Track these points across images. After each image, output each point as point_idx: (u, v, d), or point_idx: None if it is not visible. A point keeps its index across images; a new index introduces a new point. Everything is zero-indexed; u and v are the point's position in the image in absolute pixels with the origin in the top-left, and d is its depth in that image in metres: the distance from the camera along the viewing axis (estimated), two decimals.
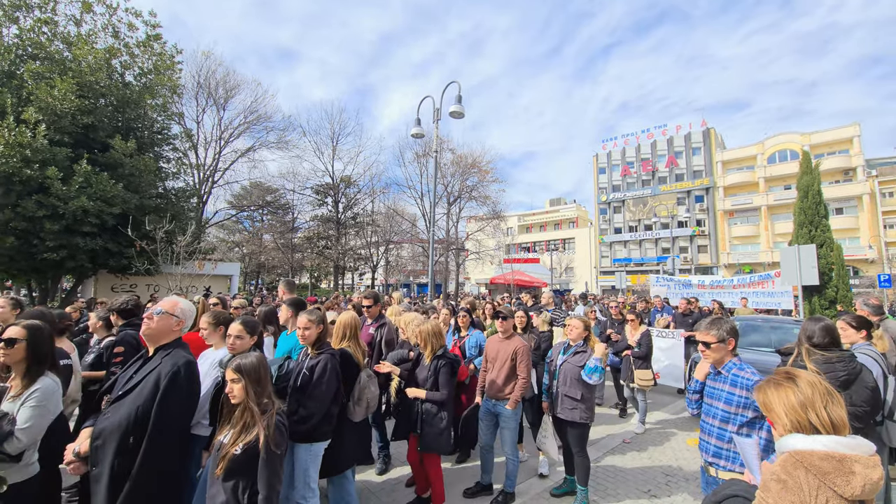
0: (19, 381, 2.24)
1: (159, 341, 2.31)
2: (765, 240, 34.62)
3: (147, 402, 2.07)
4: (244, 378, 2.11)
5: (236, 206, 30.30)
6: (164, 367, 2.16)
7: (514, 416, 3.79)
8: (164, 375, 2.12)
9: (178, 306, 2.40)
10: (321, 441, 2.92)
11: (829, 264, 12.98)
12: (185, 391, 2.20)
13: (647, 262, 38.85)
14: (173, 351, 2.28)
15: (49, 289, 12.27)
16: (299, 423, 2.79)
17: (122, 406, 2.09)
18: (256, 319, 3.23)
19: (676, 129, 39.76)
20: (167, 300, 2.43)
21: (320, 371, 2.85)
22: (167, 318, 2.32)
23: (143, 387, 2.11)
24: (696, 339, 2.60)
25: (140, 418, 2.04)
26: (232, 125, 24.47)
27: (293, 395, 2.88)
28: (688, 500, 3.90)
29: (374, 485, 4.18)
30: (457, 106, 9.22)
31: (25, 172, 9.26)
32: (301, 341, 3.05)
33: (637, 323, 6.24)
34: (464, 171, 26.54)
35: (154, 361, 2.23)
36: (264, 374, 2.20)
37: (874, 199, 30.86)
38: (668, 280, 14.13)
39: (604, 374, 3.77)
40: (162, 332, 2.31)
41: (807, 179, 13.85)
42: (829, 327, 2.85)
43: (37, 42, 11.02)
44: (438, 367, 3.49)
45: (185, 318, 2.42)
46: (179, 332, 2.41)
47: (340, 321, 3.42)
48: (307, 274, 35.12)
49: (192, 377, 2.29)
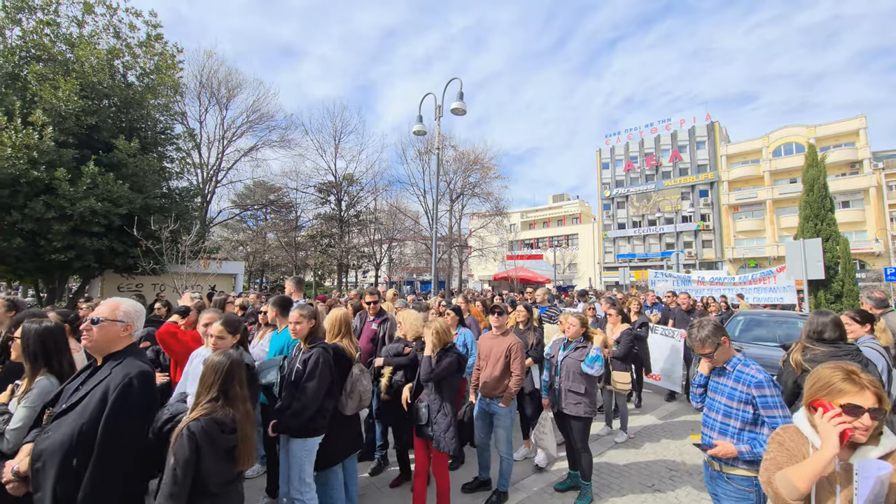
0: (27, 380, 2.30)
1: (108, 351, 2.02)
2: (770, 234, 34.39)
3: (93, 420, 1.78)
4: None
5: (240, 205, 30.45)
6: (114, 378, 1.88)
7: (508, 414, 3.77)
8: (114, 388, 1.84)
9: (120, 309, 2.07)
10: (315, 436, 2.92)
11: (834, 258, 12.89)
12: (139, 405, 1.91)
13: (651, 258, 38.71)
14: (126, 360, 1.98)
15: (56, 289, 12.39)
16: (293, 417, 2.80)
17: (64, 423, 1.82)
18: (239, 318, 3.23)
19: (680, 123, 39.49)
20: (106, 305, 2.08)
21: (312, 364, 2.86)
22: (109, 325, 2.01)
23: (89, 401, 1.83)
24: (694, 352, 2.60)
25: (84, 437, 1.76)
26: (235, 124, 24.55)
27: (287, 389, 2.90)
28: (692, 494, 3.92)
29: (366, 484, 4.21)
30: (458, 103, 9.20)
31: (32, 174, 9.33)
32: (293, 336, 3.08)
33: (617, 319, 5.66)
34: (466, 168, 26.50)
35: (102, 372, 1.94)
36: (214, 375, 2.02)
37: (881, 191, 30.55)
38: (667, 276, 14.08)
39: (604, 365, 3.76)
40: (107, 341, 2.01)
41: (812, 173, 13.74)
42: (837, 321, 2.89)
43: (40, 44, 11.07)
44: (442, 360, 3.37)
45: (132, 320, 2.10)
46: (130, 338, 2.09)
47: (331, 317, 3.48)
48: (311, 272, 35.27)
49: (147, 389, 1.97)
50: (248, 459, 2.02)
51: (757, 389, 2.26)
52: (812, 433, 1.49)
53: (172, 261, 10.91)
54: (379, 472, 4.36)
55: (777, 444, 1.61)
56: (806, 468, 1.41)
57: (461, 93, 9.23)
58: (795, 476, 1.43)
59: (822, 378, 1.51)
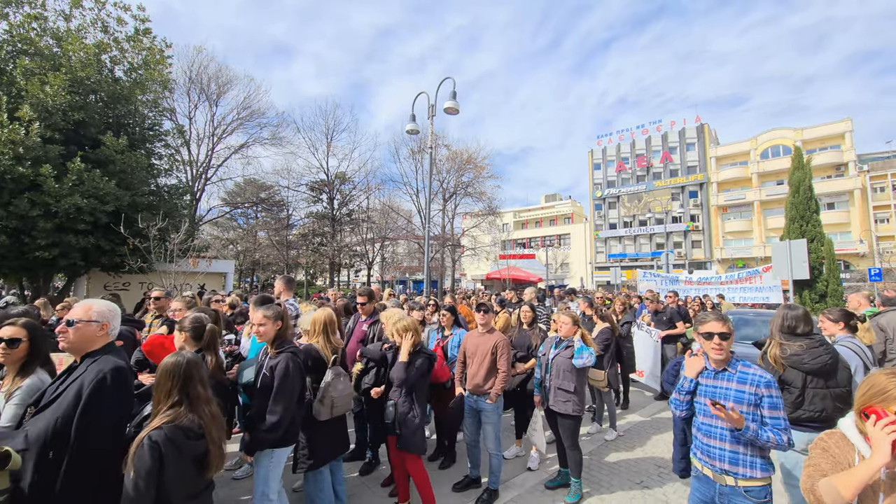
0: (10, 378, 2.29)
1: (86, 350, 2.08)
2: (757, 235, 34.94)
3: (67, 414, 1.86)
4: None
5: (230, 203, 30.07)
6: (88, 374, 1.95)
7: (495, 411, 3.78)
8: (88, 384, 1.91)
9: (93, 310, 2.12)
10: (285, 446, 2.75)
11: (819, 259, 13.15)
12: (113, 400, 1.96)
13: (641, 258, 39.09)
14: (101, 357, 2.05)
15: (41, 287, 12.16)
16: (269, 433, 2.62)
17: (41, 418, 1.90)
18: (203, 324, 2.90)
19: (671, 124, 39.93)
20: (79, 307, 2.13)
21: (281, 373, 2.68)
22: (85, 326, 2.07)
23: (64, 398, 1.91)
24: (701, 332, 2.37)
25: (59, 431, 1.84)
26: (225, 121, 24.24)
27: (257, 397, 2.72)
28: (679, 491, 3.97)
29: (357, 483, 4.20)
30: (451, 102, 9.21)
31: (18, 170, 9.15)
32: (258, 339, 2.89)
33: (596, 318, 5.73)
34: (459, 167, 26.51)
35: (79, 370, 2.02)
36: (171, 379, 1.93)
37: (865, 193, 31.18)
38: (655, 276, 14.21)
39: (593, 355, 3.78)
40: (84, 341, 2.07)
41: (798, 175, 14.01)
42: (806, 314, 2.97)
43: (26, 38, 10.86)
44: (413, 362, 3.39)
45: (106, 319, 2.15)
46: (107, 337, 2.15)
47: (312, 318, 3.38)
48: (302, 271, 35.02)
49: (122, 384, 2.02)
50: (219, 463, 1.94)
51: (766, 389, 2.17)
52: (860, 441, 1.44)
53: (160, 259, 10.76)
54: (370, 472, 4.34)
55: (821, 451, 1.55)
56: (853, 476, 1.37)
57: (454, 92, 9.24)
58: (841, 484, 1.38)
59: (877, 384, 1.45)
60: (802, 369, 2.80)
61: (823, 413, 2.75)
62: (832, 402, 2.74)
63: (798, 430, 2.71)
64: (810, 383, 2.79)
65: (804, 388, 2.80)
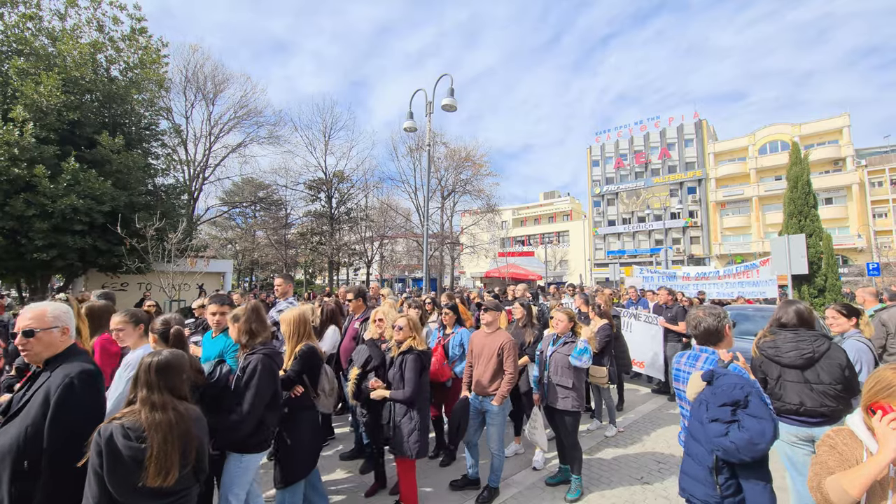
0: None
1: (49, 356, 2.02)
2: (756, 230, 34.98)
3: (37, 421, 1.81)
4: None
5: (228, 202, 30.02)
6: (54, 379, 1.90)
7: (501, 413, 3.72)
8: (55, 389, 1.86)
9: (47, 315, 2.02)
10: (254, 453, 2.66)
11: (818, 253, 13.16)
12: (83, 403, 1.92)
13: (640, 254, 39.10)
14: (64, 363, 1.98)
15: (39, 288, 12.13)
16: (229, 431, 2.54)
17: (11, 427, 1.84)
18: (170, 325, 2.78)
19: (669, 121, 39.92)
20: (32, 314, 2.01)
21: (250, 373, 2.60)
22: (46, 334, 2.00)
23: (31, 405, 1.86)
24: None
25: (31, 439, 1.79)
26: (222, 120, 24.14)
27: (230, 400, 2.63)
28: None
29: (357, 483, 4.20)
30: (449, 99, 9.16)
31: (13, 171, 9.12)
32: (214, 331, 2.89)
33: (594, 315, 5.67)
34: (457, 165, 26.46)
35: (43, 376, 1.96)
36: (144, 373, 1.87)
37: (863, 188, 31.25)
38: (651, 272, 14.12)
39: (591, 356, 3.77)
40: (47, 348, 2.00)
41: (796, 170, 14.01)
42: (800, 310, 2.99)
43: (21, 38, 10.80)
44: (404, 363, 3.31)
45: (63, 322, 2.06)
46: (69, 339, 2.08)
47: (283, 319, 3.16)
48: (301, 270, 34.98)
49: (90, 386, 1.98)
50: (162, 473, 1.71)
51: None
52: (868, 437, 1.43)
53: (158, 259, 10.73)
54: (368, 472, 4.30)
55: (828, 448, 1.52)
56: (860, 473, 1.35)
57: (452, 89, 9.20)
58: (848, 481, 1.37)
59: (883, 379, 1.43)
60: (776, 361, 2.90)
61: (802, 407, 2.77)
62: (817, 398, 2.72)
63: (781, 422, 2.75)
64: (785, 376, 2.86)
65: (778, 379, 2.89)
